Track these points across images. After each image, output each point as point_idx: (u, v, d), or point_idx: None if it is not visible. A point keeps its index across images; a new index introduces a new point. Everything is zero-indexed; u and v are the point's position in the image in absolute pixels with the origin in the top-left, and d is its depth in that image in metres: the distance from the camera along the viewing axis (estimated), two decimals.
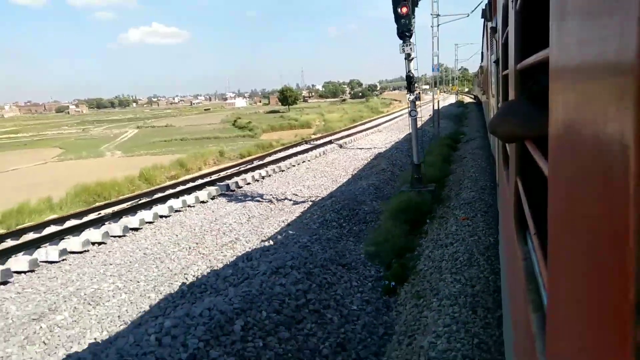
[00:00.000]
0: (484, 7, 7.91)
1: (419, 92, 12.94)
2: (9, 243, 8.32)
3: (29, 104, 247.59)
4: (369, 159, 15.81)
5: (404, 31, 10.37)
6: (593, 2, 0.53)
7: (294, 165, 15.55)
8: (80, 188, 14.52)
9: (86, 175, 18.01)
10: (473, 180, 10.09)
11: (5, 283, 7.01)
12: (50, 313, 6.04)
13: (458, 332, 4.06)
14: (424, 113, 24.70)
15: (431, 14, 21.78)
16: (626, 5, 0.39)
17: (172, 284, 6.77)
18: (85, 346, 5.14)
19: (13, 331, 5.70)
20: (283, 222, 9.23)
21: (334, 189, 11.73)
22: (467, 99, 58.43)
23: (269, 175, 14.13)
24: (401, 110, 52.67)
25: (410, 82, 10.76)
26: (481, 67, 21.92)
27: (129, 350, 4.23)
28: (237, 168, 15.45)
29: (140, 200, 11.17)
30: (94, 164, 28.22)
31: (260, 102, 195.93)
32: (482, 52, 18.63)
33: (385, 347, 4.64)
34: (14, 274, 7.27)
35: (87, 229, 8.96)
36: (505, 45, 2.84)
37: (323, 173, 14.23)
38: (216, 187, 12.16)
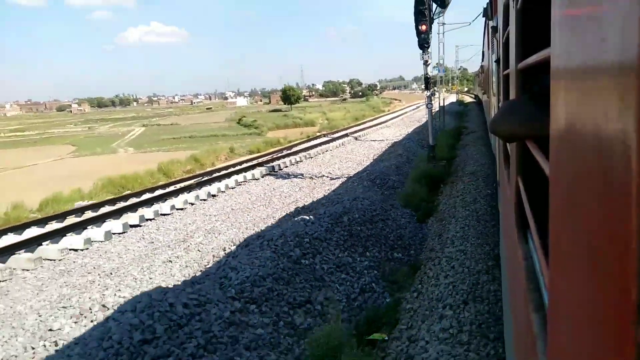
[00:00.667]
0: (485, 6, 7.90)
1: (434, 89, 15.94)
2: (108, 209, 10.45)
3: (29, 102, 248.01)
4: (385, 148, 18.13)
5: (423, 43, 12.73)
6: (594, 1, 0.53)
7: (319, 154, 17.90)
8: (106, 180, 15.76)
9: (104, 170, 19.68)
10: (475, 159, 12.63)
11: (136, 226, 9.37)
12: (189, 238, 8.39)
13: (469, 229, 7.12)
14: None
15: (437, 23, 22.87)
16: (628, 4, 0.39)
17: (267, 221, 9.22)
18: (225, 253, 7.43)
19: (173, 245, 8.05)
20: (328, 190, 11.33)
21: (361, 169, 13.90)
22: (467, 99, 58.46)
23: (301, 161, 16.45)
24: (404, 108, 54.46)
25: (427, 82, 13.72)
26: (482, 66, 21.94)
27: (291, 229, 7.02)
28: (270, 156, 17.61)
29: (203, 178, 13.50)
30: (109, 160, 29.93)
31: (261, 101, 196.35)
32: (483, 51, 18.62)
33: (425, 240, 7.74)
34: (147, 221, 9.69)
35: (174, 196, 11.41)
36: (506, 45, 2.84)
37: (347, 159, 16.52)
38: (264, 168, 14.60)
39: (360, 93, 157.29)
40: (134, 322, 4.37)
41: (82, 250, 8.07)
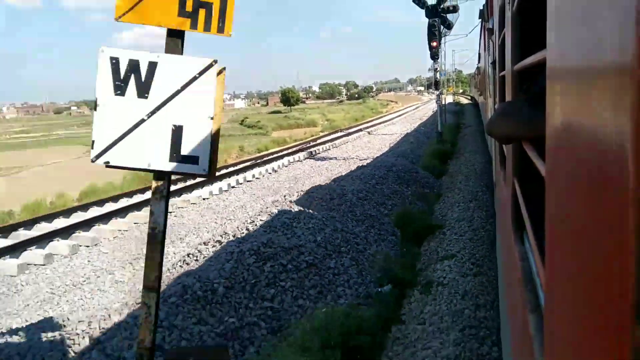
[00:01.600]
0: (481, 8, 7.93)
1: (441, 90, 21.01)
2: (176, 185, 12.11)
3: (25, 105, 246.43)
4: (397, 139, 21.01)
5: (434, 55, 16.88)
6: (590, 2, 0.53)
7: (342, 144, 21.30)
8: (131, 174, 17.25)
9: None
10: (472, 144, 16.59)
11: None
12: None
13: (470, 177, 10.76)
14: (428, 109, 35.82)
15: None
16: (624, 6, 0.39)
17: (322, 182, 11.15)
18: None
19: (270, 193, 11.42)
20: (361, 166, 12.96)
21: (383, 152, 16.79)
22: (464, 100, 59.05)
23: (329, 149, 19.71)
24: (402, 109, 57.36)
25: (437, 85, 19.21)
26: (478, 67, 22.07)
27: (364, 173, 10.72)
28: (302, 145, 21.71)
29: (256, 161, 16.59)
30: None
31: (258, 103, 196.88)
32: (479, 53, 18.71)
33: (442, 187, 10.93)
34: (239, 184, 12.79)
35: (244, 172, 14.25)
36: (502, 47, 2.85)
37: (367, 147, 19.61)
38: (304, 152, 17.99)
39: (356, 95, 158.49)
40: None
41: (207, 198, 11.17)
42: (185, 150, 2.20)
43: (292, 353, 3.45)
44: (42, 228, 8.56)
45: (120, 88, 2.17)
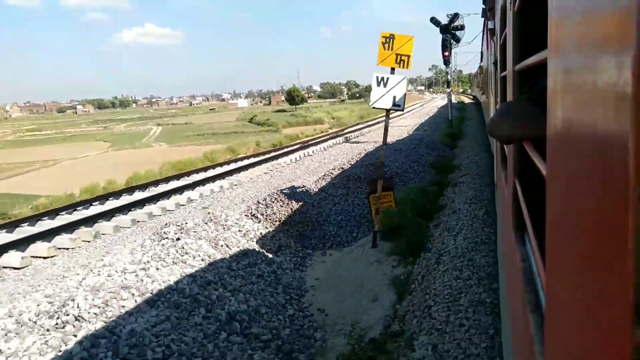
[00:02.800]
0: (483, 7, 7.92)
1: (452, 88, 26.15)
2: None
3: (28, 104, 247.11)
4: (413, 128, 23.91)
5: (446, 63, 21.72)
6: (591, 3, 0.53)
7: (366, 133, 24.47)
8: (166, 164, 19.67)
9: (154, 159, 23.99)
10: (474, 130, 20.45)
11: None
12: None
13: (475, 146, 14.76)
14: (433, 106, 41.40)
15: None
16: (624, 5, 0.39)
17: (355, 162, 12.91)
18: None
19: (321, 166, 13.73)
20: (396, 141, 15.74)
21: (403, 137, 18.85)
22: (465, 99, 59.54)
23: (358, 137, 22.71)
24: (410, 106, 60.91)
25: (448, 84, 25.10)
26: (480, 67, 22.09)
27: (400, 144, 14.53)
28: (330, 135, 26.04)
29: (301, 145, 20.62)
30: (150, 152, 34.56)
31: (261, 102, 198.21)
32: (481, 52, 18.72)
33: (454, 153, 14.42)
34: (296, 161, 15.88)
35: (285, 155, 17.19)
36: (503, 47, 2.85)
37: (390, 135, 22.88)
38: (341, 137, 22.43)
39: (357, 94, 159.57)
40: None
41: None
42: (396, 102, 6.50)
43: (405, 194, 8.22)
44: (102, 207, 10.27)
45: (379, 83, 6.45)
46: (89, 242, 8.22)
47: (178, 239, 5.81)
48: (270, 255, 6.54)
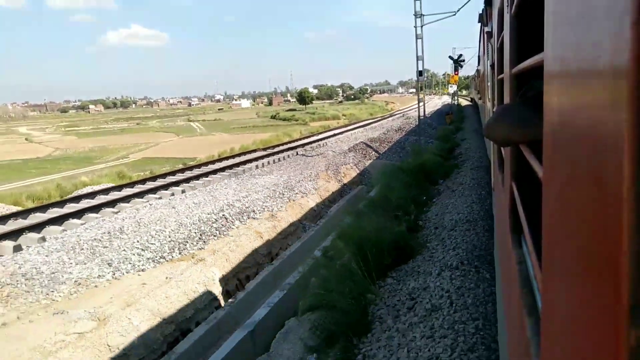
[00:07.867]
0: (480, 12, 7.97)
1: (457, 89, 43.07)
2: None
3: (26, 104, 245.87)
4: (413, 128, 30.97)
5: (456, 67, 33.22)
6: (587, 6, 0.53)
7: (390, 121, 33.77)
8: (255, 142, 26.36)
9: (230, 142, 29.15)
10: (470, 123, 25.90)
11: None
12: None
13: (472, 135, 19.94)
14: (429, 107, 46.58)
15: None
16: (620, 9, 0.39)
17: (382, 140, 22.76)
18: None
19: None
20: (407, 130, 25.38)
21: (415, 125, 25.62)
22: (463, 102, 60.28)
23: (382, 123, 32.60)
24: (407, 108, 66.78)
25: (454, 93, 45.37)
26: (477, 70, 22.17)
27: (424, 124, 23.34)
28: (364, 122, 36.24)
29: (350, 126, 33.62)
30: (215, 139, 39.72)
31: (262, 103, 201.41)
32: (478, 56, 18.75)
33: (457, 134, 22.82)
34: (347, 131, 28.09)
35: (345, 132, 27.79)
36: (500, 50, 2.86)
37: (404, 123, 30.85)
38: (367, 126, 31.20)
39: (352, 96, 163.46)
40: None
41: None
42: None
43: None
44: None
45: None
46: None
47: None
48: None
